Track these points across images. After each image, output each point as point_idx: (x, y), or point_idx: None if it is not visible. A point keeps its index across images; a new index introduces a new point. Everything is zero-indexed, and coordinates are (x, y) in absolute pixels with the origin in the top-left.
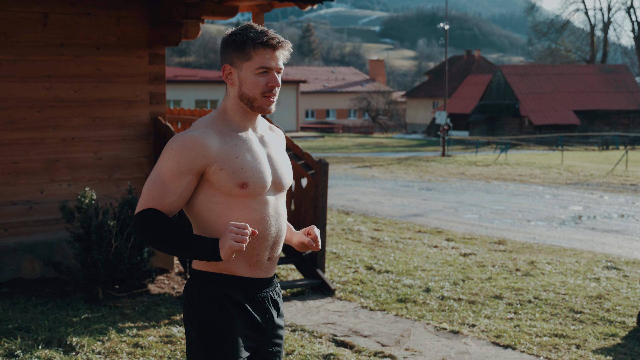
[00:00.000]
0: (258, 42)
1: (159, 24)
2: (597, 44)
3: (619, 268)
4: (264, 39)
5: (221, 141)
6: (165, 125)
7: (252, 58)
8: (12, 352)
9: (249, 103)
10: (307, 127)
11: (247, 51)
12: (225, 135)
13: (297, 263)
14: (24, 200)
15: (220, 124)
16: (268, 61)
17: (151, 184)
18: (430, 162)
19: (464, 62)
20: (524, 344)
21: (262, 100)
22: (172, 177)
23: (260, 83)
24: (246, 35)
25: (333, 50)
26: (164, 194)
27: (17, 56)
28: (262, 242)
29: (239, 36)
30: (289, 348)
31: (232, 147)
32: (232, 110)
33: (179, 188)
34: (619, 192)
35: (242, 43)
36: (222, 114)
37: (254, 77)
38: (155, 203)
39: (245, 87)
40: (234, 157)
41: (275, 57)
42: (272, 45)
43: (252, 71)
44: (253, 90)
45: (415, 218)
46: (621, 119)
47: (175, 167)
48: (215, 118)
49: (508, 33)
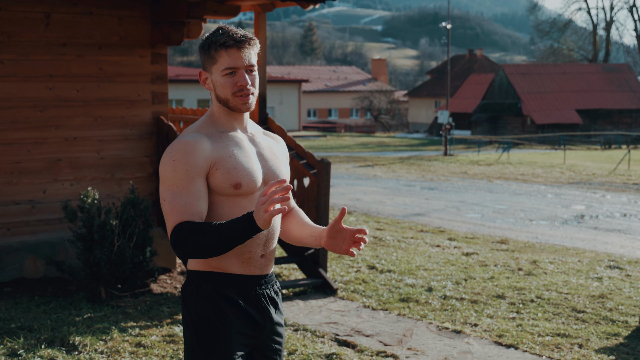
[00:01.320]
0: (219, 44)
1: (162, 23)
2: (600, 43)
3: (621, 267)
4: (222, 40)
5: (212, 143)
6: (168, 124)
7: (217, 61)
8: (15, 351)
9: (226, 105)
10: (309, 127)
11: (212, 54)
12: (216, 137)
13: (300, 262)
14: (26, 200)
15: (208, 127)
16: (232, 61)
17: (171, 203)
18: (432, 161)
19: (466, 61)
20: (526, 343)
21: (234, 100)
22: (187, 184)
23: (228, 84)
24: (210, 39)
25: (335, 49)
26: (189, 204)
27: (19, 56)
28: (254, 239)
29: (206, 41)
30: (291, 347)
31: (224, 147)
32: (217, 113)
33: (198, 192)
34: (621, 192)
35: (207, 47)
36: (210, 117)
37: (222, 78)
38: (185, 216)
39: (218, 89)
40: (227, 157)
41: (240, 55)
42: (231, 45)
43: (220, 73)
44: (224, 91)
45: (417, 217)
46: (623, 118)
47: (186, 174)
48: (204, 122)
49: (510, 32)
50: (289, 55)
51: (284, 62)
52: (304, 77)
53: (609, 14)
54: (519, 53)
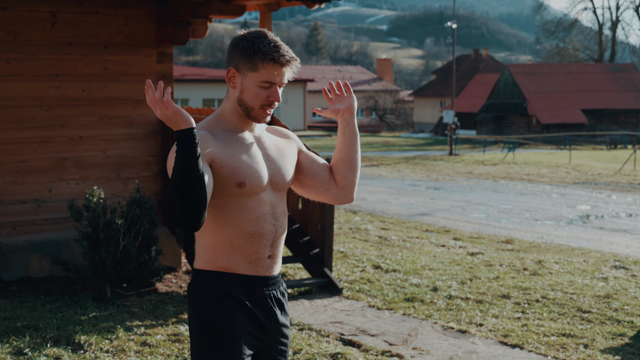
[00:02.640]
0: (268, 56)
1: (167, 23)
2: (605, 42)
3: (627, 267)
4: (274, 55)
5: (216, 142)
6: None
7: (259, 70)
8: (21, 350)
9: (246, 111)
10: (314, 126)
11: (255, 62)
12: (220, 136)
13: (305, 262)
14: (32, 199)
15: (214, 126)
16: (274, 76)
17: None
18: (437, 161)
19: (472, 61)
20: (531, 343)
21: (259, 112)
22: None
23: (261, 95)
24: (257, 46)
25: (340, 49)
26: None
27: (25, 55)
28: (261, 239)
29: (250, 44)
30: (296, 347)
31: (229, 146)
32: (229, 112)
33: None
34: (627, 192)
35: (252, 52)
36: (218, 116)
37: (257, 88)
38: None
39: (246, 95)
40: (231, 156)
41: (282, 72)
42: (281, 62)
43: (256, 82)
44: (253, 100)
45: (422, 217)
46: (629, 117)
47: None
48: (211, 121)
49: (516, 32)
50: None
51: None
52: (309, 77)
53: (615, 14)
54: (525, 53)
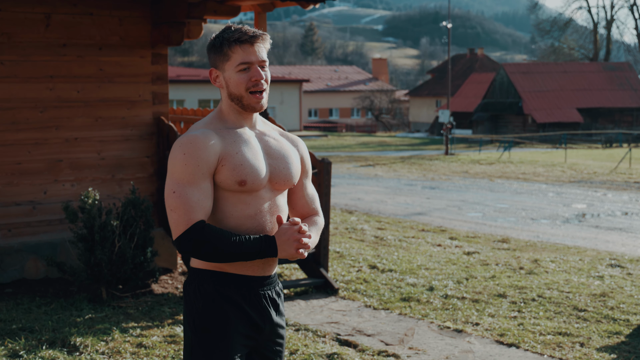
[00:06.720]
0: (232, 40)
1: (162, 23)
2: (600, 41)
3: (622, 266)
4: (238, 36)
5: (220, 138)
6: (168, 125)
7: (230, 57)
8: (16, 352)
9: (239, 102)
10: (310, 126)
11: (224, 51)
12: (223, 133)
13: (301, 262)
14: (27, 201)
15: (216, 124)
16: (247, 56)
17: (182, 196)
18: (433, 160)
19: (467, 60)
20: (527, 342)
21: (249, 98)
22: (198, 179)
23: (243, 79)
24: (222, 37)
25: (336, 49)
26: (201, 201)
27: (20, 56)
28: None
29: (217, 39)
30: (293, 347)
31: (232, 143)
32: (226, 111)
33: (208, 190)
34: (622, 190)
35: (219, 45)
36: (218, 114)
37: (237, 75)
38: (200, 215)
39: (231, 86)
40: (234, 153)
41: (254, 50)
42: (245, 40)
43: (234, 69)
44: (238, 88)
45: (418, 217)
46: (624, 116)
47: (197, 169)
48: (212, 118)
49: (511, 31)
50: (290, 55)
51: (284, 62)
52: (304, 77)
53: (610, 13)
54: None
